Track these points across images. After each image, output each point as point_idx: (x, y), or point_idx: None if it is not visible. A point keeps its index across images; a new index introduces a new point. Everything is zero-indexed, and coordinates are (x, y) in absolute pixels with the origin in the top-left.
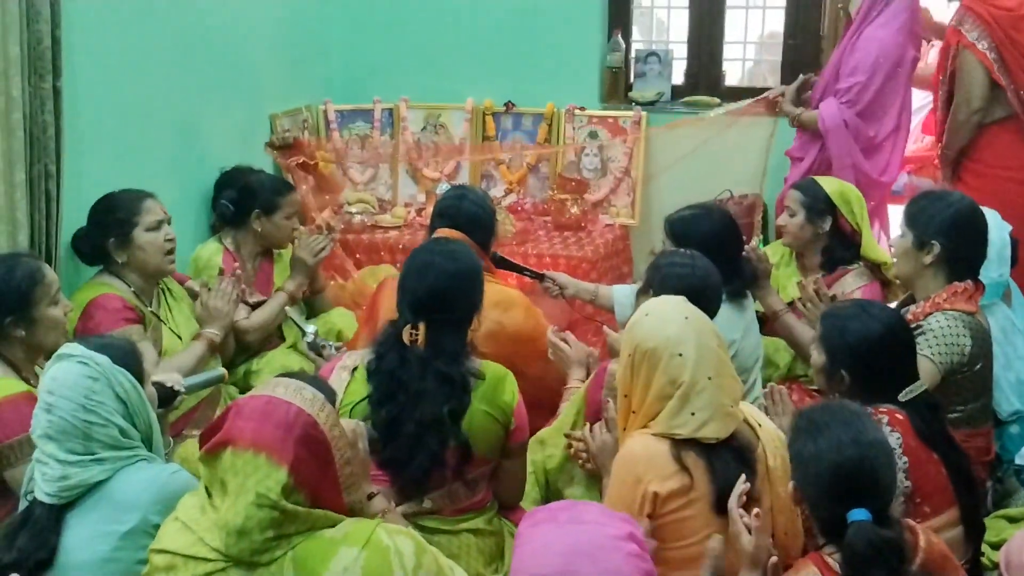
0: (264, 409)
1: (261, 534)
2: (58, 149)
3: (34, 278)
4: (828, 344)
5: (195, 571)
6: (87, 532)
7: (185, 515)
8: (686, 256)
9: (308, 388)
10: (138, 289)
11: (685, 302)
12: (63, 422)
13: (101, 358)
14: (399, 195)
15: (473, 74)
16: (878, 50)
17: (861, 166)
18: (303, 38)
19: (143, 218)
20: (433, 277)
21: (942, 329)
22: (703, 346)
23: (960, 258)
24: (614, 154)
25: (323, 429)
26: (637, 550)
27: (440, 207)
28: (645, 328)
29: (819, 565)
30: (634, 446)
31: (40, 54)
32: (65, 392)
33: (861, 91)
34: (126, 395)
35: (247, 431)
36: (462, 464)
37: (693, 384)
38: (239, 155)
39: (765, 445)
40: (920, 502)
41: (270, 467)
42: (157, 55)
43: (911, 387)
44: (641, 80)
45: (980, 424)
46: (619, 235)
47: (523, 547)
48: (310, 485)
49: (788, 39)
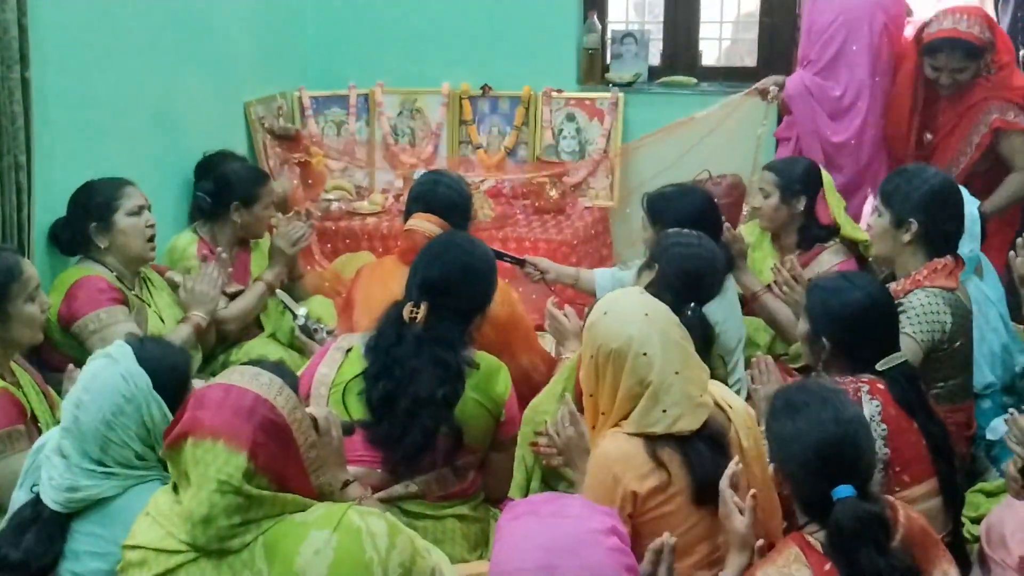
0: (221, 397)
1: (227, 519)
2: (28, 140)
3: (11, 273)
4: (812, 312)
5: (166, 564)
6: (89, 545)
7: (155, 510)
8: (693, 235)
9: (264, 374)
10: (120, 275)
11: (643, 295)
12: (86, 425)
13: (142, 380)
14: (376, 182)
15: (449, 58)
16: (839, 9)
17: (823, 131)
18: (277, 23)
19: (124, 202)
20: (445, 262)
21: (923, 306)
22: (667, 341)
23: (938, 234)
24: (592, 136)
25: (281, 412)
26: (619, 544)
27: (415, 192)
28: (606, 328)
29: (801, 545)
30: (608, 447)
31: (7, 43)
32: (95, 399)
33: (820, 51)
34: (153, 424)
35: (205, 420)
36: (452, 450)
37: (662, 381)
38: (213, 143)
39: (737, 427)
40: (899, 470)
41: (229, 453)
42: (128, 42)
43: (889, 357)
44: (618, 61)
45: (961, 400)
46: (598, 217)
47: (504, 541)
48: (273, 469)
49: (764, 17)
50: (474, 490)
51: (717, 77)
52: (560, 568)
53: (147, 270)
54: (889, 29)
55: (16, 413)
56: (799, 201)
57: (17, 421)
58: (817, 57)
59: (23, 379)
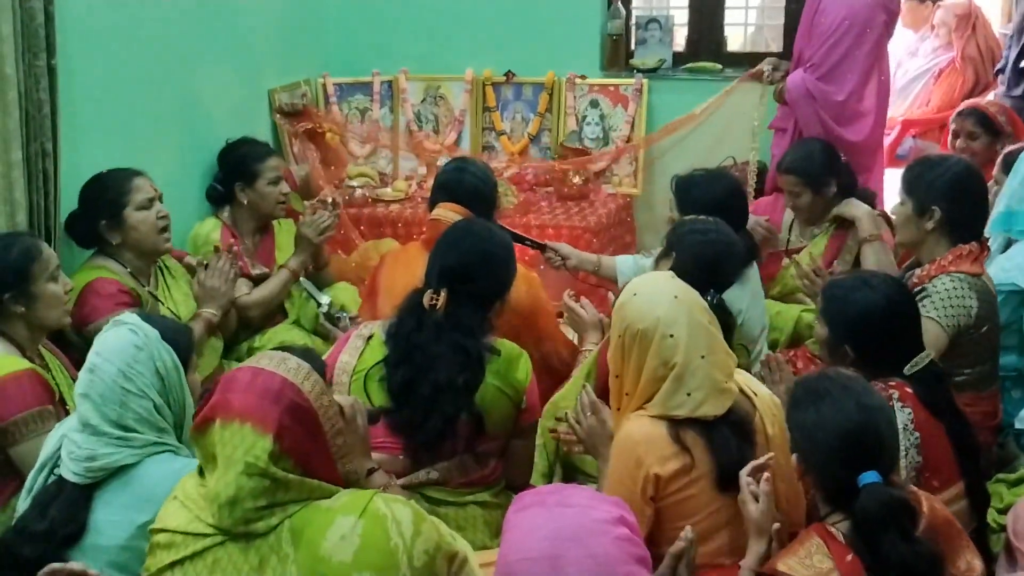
0: (248, 381)
1: (253, 502)
2: (54, 128)
3: (30, 254)
4: (830, 318)
5: (194, 547)
6: (110, 516)
7: (183, 494)
8: (709, 222)
9: (292, 359)
10: (135, 269)
11: (673, 278)
12: (103, 384)
13: (151, 330)
14: (400, 168)
15: (472, 44)
16: (846, 13)
17: (833, 131)
18: (301, 11)
19: (133, 197)
20: (464, 249)
21: (948, 291)
22: (694, 324)
23: (961, 221)
24: (616, 122)
25: (308, 397)
26: (627, 534)
27: (440, 180)
28: (634, 308)
29: (823, 536)
30: (632, 429)
31: (34, 31)
32: (110, 355)
33: (825, 55)
34: (165, 372)
35: (233, 403)
36: (473, 437)
37: (687, 364)
38: (238, 130)
39: (762, 414)
40: (929, 476)
41: (255, 436)
42: (153, 30)
43: (916, 359)
44: (642, 47)
45: (987, 387)
46: (621, 204)
47: (511, 532)
48: (298, 453)
49: (790, 3)
50: (495, 477)
51: (742, 63)
52: (566, 557)
53: (165, 258)
54: (889, 28)
55: (45, 394)
56: (830, 187)
57: (46, 402)
58: (821, 60)
59: (52, 363)
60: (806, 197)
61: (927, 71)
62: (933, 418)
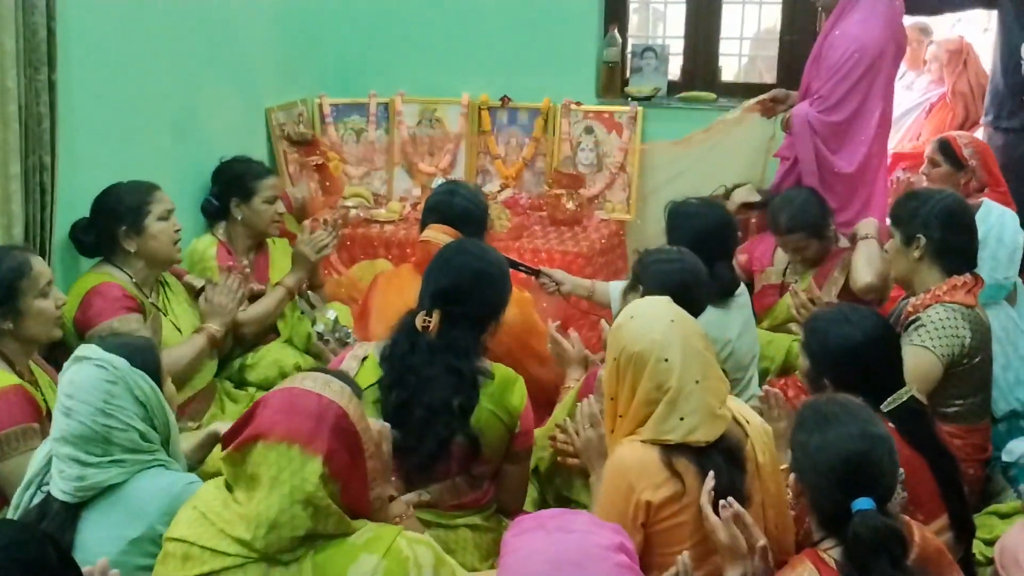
0: (294, 402)
1: (292, 531)
2: (53, 141)
3: (20, 270)
4: (811, 350)
5: (212, 565)
6: (99, 533)
7: (205, 505)
8: (673, 252)
9: (335, 381)
10: (140, 280)
11: (670, 303)
12: (82, 427)
13: (119, 361)
14: (394, 189)
15: (469, 68)
16: (856, 46)
17: (826, 160)
18: (299, 31)
19: (155, 207)
20: (456, 270)
21: (941, 321)
22: (689, 349)
23: (948, 250)
24: (609, 149)
25: (353, 420)
26: (627, 561)
27: (431, 202)
28: (630, 331)
29: (815, 561)
30: (624, 455)
31: (35, 46)
32: (84, 396)
33: (833, 88)
34: (145, 398)
35: (279, 424)
36: (467, 460)
37: (680, 389)
38: (235, 148)
39: (754, 442)
40: (913, 510)
41: (304, 458)
42: (152, 48)
43: (896, 395)
44: (637, 75)
45: (978, 420)
46: (615, 230)
47: (510, 555)
48: (343, 477)
49: (784, 35)
50: (487, 500)
51: (736, 93)
52: None
53: (165, 275)
54: (897, 61)
55: (32, 411)
56: (830, 228)
57: (32, 419)
58: (828, 93)
59: (41, 379)
60: (813, 247)
61: (919, 105)
62: (915, 453)
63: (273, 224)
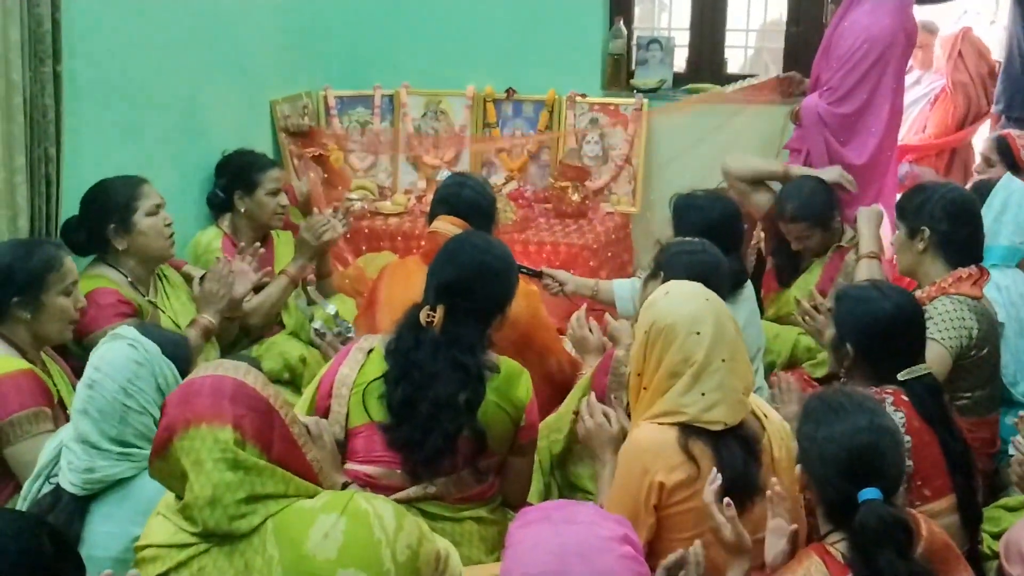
0: (188, 391)
1: (232, 495)
2: (58, 133)
3: (51, 264)
4: (838, 316)
5: (178, 558)
6: (106, 528)
7: (165, 508)
8: (696, 243)
9: (226, 361)
10: (135, 278)
11: (704, 287)
12: (103, 400)
13: (151, 345)
14: (399, 182)
15: (474, 60)
16: (865, 36)
17: (837, 153)
18: (303, 23)
19: (142, 203)
20: (460, 264)
21: (948, 312)
22: (721, 327)
23: (953, 241)
24: (615, 141)
25: (252, 386)
26: (632, 552)
27: (440, 194)
28: (664, 306)
29: (822, 555)
30: (640, 436)
31: (40, 38)
32: (110, 371)
33: (842, 79)
34: (166, 387)
35: (180, 415)
36: (474, 453)
37: (707, 364)
38: (239, 141)
39: (771, 436)
40: (920, 484)
41: (213, 432)
42: (157, 40)
43: (912, 368)
44: (643, 67)
45: (987, 412)
46: (620, 223)
47: (515, 546)
48: (261, 438)
49: (790, 26)
50: (492, 493)
51: None
52: (571, 573)
53: (164, 267)
54: (907, 52)
55: (42, 395)
56: (835, 220)
57: (43, 403)
58: (837, 84)
59: (52, 369)
60: (816, 236)
61: (923, 97)
62: (926, 426)
63: (276, 216)
